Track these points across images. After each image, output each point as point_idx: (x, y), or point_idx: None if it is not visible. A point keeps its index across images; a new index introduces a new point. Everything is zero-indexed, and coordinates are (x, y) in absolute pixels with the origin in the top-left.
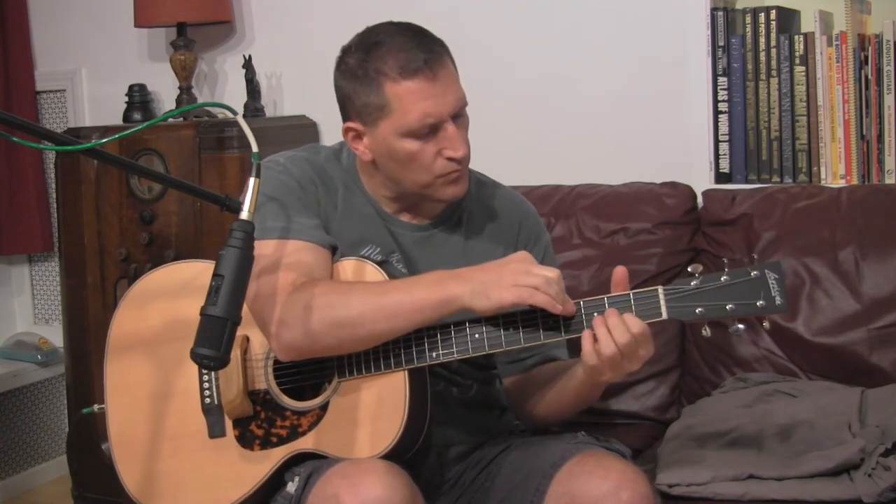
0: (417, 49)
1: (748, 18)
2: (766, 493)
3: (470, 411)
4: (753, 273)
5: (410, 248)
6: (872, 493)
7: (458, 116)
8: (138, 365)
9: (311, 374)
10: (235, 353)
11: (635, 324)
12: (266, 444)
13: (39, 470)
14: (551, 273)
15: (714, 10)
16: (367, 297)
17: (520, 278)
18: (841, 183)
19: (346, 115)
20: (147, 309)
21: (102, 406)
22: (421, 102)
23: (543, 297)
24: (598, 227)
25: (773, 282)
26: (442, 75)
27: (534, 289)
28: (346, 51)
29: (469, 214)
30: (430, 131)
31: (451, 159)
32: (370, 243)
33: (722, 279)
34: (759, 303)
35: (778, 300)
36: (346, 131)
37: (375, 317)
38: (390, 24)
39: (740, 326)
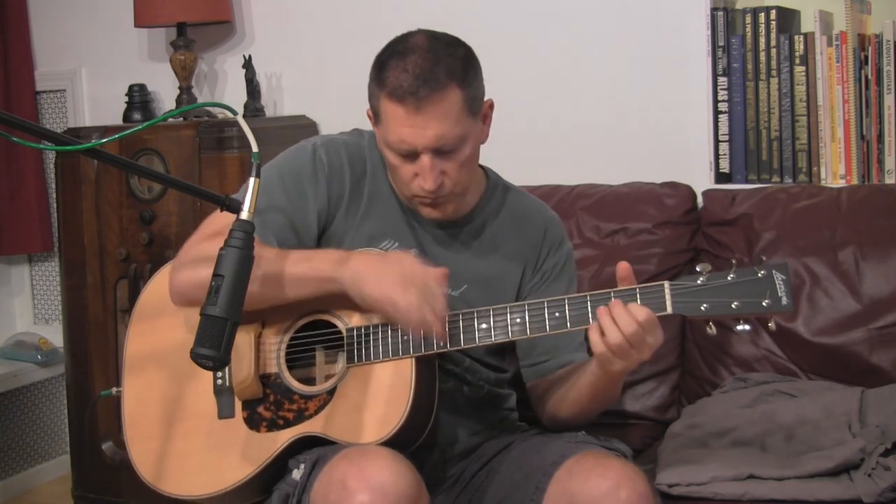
0: (419, 76)
1: (748, 18)
2: (766, 493)
3: (478, 410)
4: (760, 273)
5: (431, 245)
6: (872, 493)
7: (447, 152)
8: (153, 351)
9: (322, 359)
10: (249, 336)
11: (641, 312)
12: (273, 426)
13: (39, 470)
14: (416, 299)
15: (714, 10)
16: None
17: (391, 287)
18: (841, 183)
19: None
20: (162, 303)
21: (120, 389)
22: (400, 127)
23: (402, 320)
24: (598, 227)
25: (780, 282)
26: (429, 110)
27: (394, 307)
28: (383, 48)
29: (495, 218)
30: (407, 155)
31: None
32: (389, 238)
33: (728, 277)
34: (765, 302)
35: (784, 300)
36: (368, 114)
37: (253, 278)
38: (423, 36)
39: (746, 327)
